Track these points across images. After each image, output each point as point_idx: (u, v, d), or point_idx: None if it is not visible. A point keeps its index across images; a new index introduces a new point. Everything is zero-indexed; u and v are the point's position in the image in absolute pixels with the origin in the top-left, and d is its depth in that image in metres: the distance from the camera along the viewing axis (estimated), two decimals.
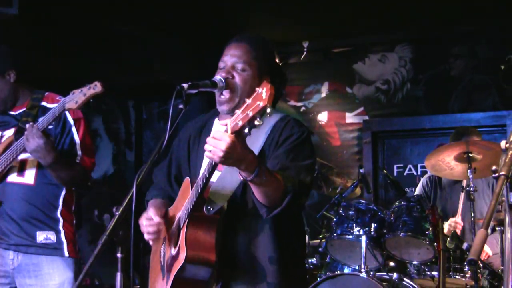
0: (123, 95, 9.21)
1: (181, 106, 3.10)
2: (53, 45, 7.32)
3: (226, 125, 2.79)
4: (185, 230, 3.10)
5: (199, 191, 3.06)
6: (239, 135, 2.76)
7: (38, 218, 4.21)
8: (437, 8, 7.52)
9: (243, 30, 7.57)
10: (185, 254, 3.05)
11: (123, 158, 9.27)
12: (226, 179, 3.16)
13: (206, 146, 2.82)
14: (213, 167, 3.00)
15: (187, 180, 3.31)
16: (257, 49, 3.31)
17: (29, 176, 4.25)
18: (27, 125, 4.06)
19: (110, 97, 9.21)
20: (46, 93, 4.42)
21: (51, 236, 4.20)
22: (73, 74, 8.17)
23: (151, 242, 3.39)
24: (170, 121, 3.07)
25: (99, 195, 9.15)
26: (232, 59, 3.27)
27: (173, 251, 3.22)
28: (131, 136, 9.30)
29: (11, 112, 4.40)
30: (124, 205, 3.10)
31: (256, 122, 2.69)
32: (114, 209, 3.16)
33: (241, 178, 2.97)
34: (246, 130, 2.74)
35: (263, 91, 2.65)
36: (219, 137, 2.77)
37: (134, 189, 3.05)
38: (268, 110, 2.65)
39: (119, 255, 3.23)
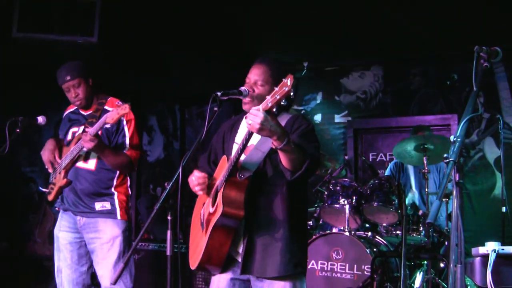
0: (171, 101, 9.19)
1: (215, 109, 3.11)
2: (123, 65, 7.35)
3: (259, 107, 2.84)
4: (222, 190, 3.08)
5: (235, 160, 3.07)
6: (269, 113, 2.81)
7: (96, 193, 4.32)
8: (400, 40, 7.47)
9: (260, 53, 7.58)
10: (221, 209, 3.04)
11: (171, 147, 9.24)
12: (252, 156, 3.17)
13: (247, 120, 2.85)
14: (247, 140, 3.02)
15: (224, 157, 3.34)
16: (272, 69, 3.32)
17: (91, 163, 4.34)
18: (83, 133, 4.18)
19: (162, 102, 9.23)
20: (109, 98, 4.45)
21: (106, 205, 4.30)
22: (138, 86, 8.25)
23: (200, 193, 3.30)
24: (207, 120, 3.08)
25: (153, 173, 9.16)
26: (254, 76, 3.30)
27: (211, 209, 3.18)
28: (177, 130, 9.26)
29: (82, 112, 4.47)
30: (172, 181, 3.12)
31: (282, 103, 2.77)
32: (166, 184, 3.17)
33: (273, 147, 2.96)
34: (274, 110, 2.81)
35: (288, 80, 2.73)
36: (255, 113, 2.82)
37: (180, 170, 3.08)
38: (291, 93, 2.72)
39: (169, 217, 3.24)
